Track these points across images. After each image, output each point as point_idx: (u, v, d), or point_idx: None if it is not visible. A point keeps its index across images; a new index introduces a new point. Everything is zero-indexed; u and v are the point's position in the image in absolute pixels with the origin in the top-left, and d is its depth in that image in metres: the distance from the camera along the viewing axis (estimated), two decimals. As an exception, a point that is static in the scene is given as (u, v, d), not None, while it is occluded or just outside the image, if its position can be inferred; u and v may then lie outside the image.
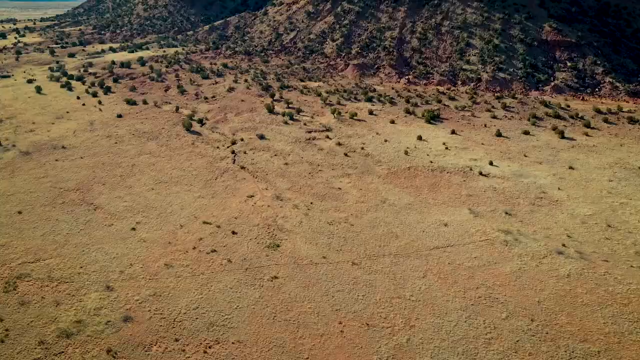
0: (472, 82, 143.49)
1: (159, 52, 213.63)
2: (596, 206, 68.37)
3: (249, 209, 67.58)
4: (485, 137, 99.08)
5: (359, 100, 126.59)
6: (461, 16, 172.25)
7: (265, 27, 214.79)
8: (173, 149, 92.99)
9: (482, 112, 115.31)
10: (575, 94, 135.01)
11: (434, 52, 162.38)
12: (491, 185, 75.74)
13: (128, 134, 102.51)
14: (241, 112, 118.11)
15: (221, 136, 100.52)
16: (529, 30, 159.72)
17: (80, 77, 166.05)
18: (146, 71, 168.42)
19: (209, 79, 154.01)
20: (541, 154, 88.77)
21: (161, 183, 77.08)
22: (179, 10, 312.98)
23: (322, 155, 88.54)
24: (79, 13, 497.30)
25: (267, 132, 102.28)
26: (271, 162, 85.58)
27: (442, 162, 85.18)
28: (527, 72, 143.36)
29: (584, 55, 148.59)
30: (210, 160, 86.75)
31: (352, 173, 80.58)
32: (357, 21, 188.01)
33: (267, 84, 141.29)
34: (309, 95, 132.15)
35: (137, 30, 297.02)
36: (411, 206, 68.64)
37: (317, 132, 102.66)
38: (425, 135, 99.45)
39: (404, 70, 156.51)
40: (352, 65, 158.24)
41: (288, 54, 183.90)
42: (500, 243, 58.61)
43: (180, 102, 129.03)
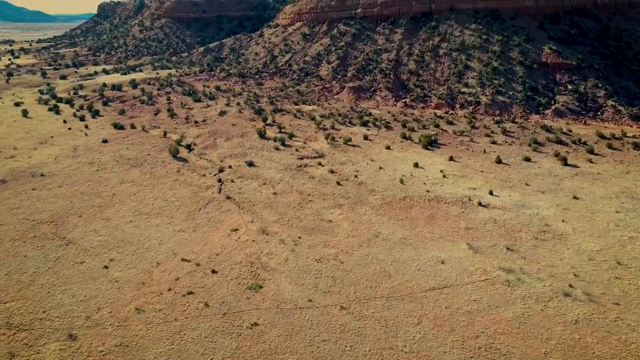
0: (471, 105, 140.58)
1: (152, 74, 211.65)
2: (603, 241, 64.33)
3: (232, 244, 63.49)
4: (484, 163, 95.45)
5: (353, 125, 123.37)
6: (459, 38, 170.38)
7: (260, 49, 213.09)
8: (157, 177, 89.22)
9: (481, 137, 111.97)
10: (577, 117, 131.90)
11: (432, 74, 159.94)
12: (491, 217, 71.81)
13: (112, 160, 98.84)
14: (231, 137, 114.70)
15: (209, 163, 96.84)
16: (529, 53, 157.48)
17: (70, 100, 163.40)
18: (137, 94, 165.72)
19: (201, 102, 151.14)
20: (543, 183, 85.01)
21: (141, 215, 73.10)
22: (174, 32, 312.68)
23: (313, 184, 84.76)
24: (76, 34, 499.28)
25: (257, 158, 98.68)
26: (259, 191, 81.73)
27: (440, 191, 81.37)
28: (527, 96, 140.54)
29: (585, 78, 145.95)
30: (195, 189, 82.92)
31: (344, 204, 76.71)
32: (353, 43, 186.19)
33: (259, 108, 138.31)
34: (303, 119, 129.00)
35: (132, 52, 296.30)
36: (406, 241, 64.59)
37: (309, 158, 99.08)
38: (422, 161, 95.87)
39: (400, 93, 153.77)
40: (347, 88, 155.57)
41: (283, 76, 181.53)
42: (501, 283, 54.45)
43: (169, 127, 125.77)
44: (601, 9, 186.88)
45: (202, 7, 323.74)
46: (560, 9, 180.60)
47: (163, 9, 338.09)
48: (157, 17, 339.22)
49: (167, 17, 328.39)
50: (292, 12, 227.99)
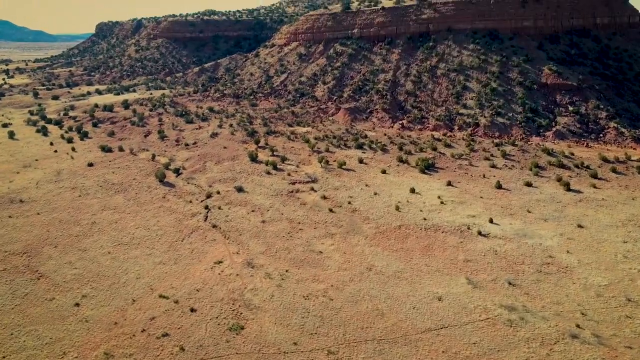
0: (470, 127, 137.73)
1: (146, 94, 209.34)
2: (612, 274, 60.65)
3: (214, 278, 59.70)
4: (484, 189, 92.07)
5: (349, 147, 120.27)
6: (457, 58, 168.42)
7: (255, 69, 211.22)
8: (141, 203, 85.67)
9: (480, 160, 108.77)
10: (579, 140, 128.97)
11: (429, 95, 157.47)
12: (492, 247, 68.17)
13: (95, 185, 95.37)
14: (222, 160, 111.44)
15: (196, 188, 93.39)
16: (528, 73, 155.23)
17: (59, 121, 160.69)
18: (128, 115, 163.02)
19: (193, 124, 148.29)
20: (546, 210, 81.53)
21: (120, 245, 69.37)
22: (170, 51, 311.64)
23: (304, 211, 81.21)
24: (73, 54, 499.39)
25: (247, 183, 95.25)
26: (247, 219, 78.13)
27: (437, 219, 77.83)
28: (527, 117, 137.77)
29: (586, 99, 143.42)
30: (179, 217, 79.32)
31: (336, 233, 73.08)
32: (349, 63, 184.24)
33: (252, 130, 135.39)
34: (296, 142, 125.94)
35: (127, 71, 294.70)
36: (401, 274, 60.84)
37: (302, 183, 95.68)
38: (419, 187, 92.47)
39: (397, 115, 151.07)
40: (343, 109, 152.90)
41: (278, 97, 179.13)
42: (503, 323, 50.62)
43: (158, 149, 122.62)
44: (601, 29, 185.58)
45: (199, 27, 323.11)
46: (559, 30, 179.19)
47: (159, 28, 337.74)
48: (153, 37, 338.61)
49: (163, 37, 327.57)
50: (288, 32, 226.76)
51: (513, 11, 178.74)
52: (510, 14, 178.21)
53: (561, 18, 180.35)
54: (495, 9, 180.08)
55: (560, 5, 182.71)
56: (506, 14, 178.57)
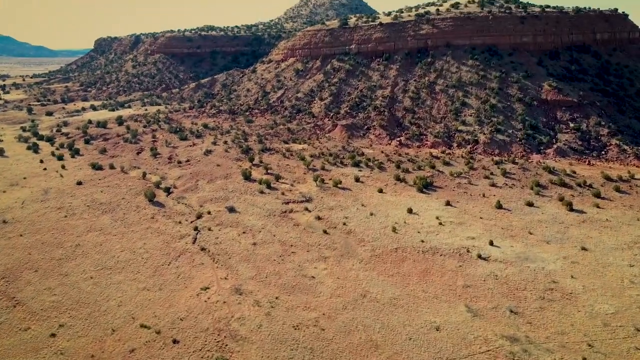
0: (469, 144, 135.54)
1: (141, 110, 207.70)
2: (619, 301, 57.84)
3: (200, 306, 56.83)
4: (484, 209, 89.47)
5: (345, 165, 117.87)
6: (456, 74, 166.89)
7: (252, 85, 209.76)
8: (128, 224, 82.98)
9: (479, 179, 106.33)
10: (581, 157, 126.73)
11: (428, 112, 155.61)
12: (492, 272, 65.42)
13: (83, 205, 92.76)
14: (214, 178, 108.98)
15: (187, 208, 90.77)
16: (528, 90, 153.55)
17: (51, 137, 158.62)
18: (122, 131, 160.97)
19: (187, 141, 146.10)
20: (548, 231, 78.89)
21: (104, 269, 66.58)
22: (167, 67, 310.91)
23: (297, 233, 78.54)
24: (71, 69, 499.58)
25: (239, 203, 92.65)
26: (237, 241, 75.43)
27: (435, 241, 75.15)
28: (527, 134, 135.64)
29: (587, 116, 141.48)
30: (167, 239, 76.60)
31: (329, 256, 70.35)
32: (347, 79, 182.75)
33: (247, 147, 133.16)
34: (292, 159, 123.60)
35: (123, 87, 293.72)
36: (397, 302, 58.01)
37: (296, 203, 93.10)
38: (417, 207, 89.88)
39: (395, 131, 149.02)
40: (340, 125, 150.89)
41: (274, 113, 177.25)
42: (505, 356, 47.78)
43: (150, 167, 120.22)
44: (601, 45, 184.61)
45: (196, 43, 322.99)
46: (559, 45, 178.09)
47: (157, 44, 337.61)
48: (150, 53, 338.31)
49: (160, 52, 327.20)
50: (285, 48, 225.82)
51: (512, 27, 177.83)
52: (509, 30, 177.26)
53: (561, 34, 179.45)
54: (494, 25, 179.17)
55: (560, 21, 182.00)
56: (505, 29, 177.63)
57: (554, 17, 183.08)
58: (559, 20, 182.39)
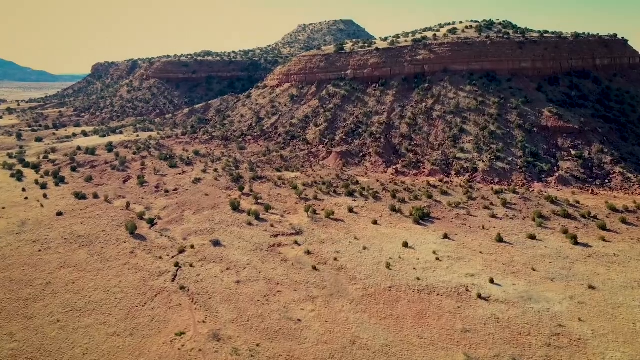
0: (468, 172, 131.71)
1: (133, 136, 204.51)
2: (632, 348, 53.24)
3: (172, 355, 52.11)
4: (483, 242, 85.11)
5: (339, 195, 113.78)
6: (454, 100, 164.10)
7: (246, 111, 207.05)
8: (106, 259, 78.47)
9: (479, 209, 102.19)
10: (583, 186, 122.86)
11: (425, 138, 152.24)
12: (493, 314, 60.81)
13: (60, 238, 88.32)
14: (202, 209, 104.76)
15: (169, 242, 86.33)
16: (528, 116, 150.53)
17: (37, 164, 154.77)
18: (110, 158, 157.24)
19: (177, 168, 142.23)
20: (552, 267, 74.44)
21: (73, 311, 61.91)
22: (162, 92, 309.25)
23: (284, 269, 74.03)
24: (68, 94, 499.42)
25: (225, 236, 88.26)
26: (220, 279, 70.88)
27: (432, 278, 70.64)
28: (528, 162, 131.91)
29: (589, 143, 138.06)
30: (145, 276, 72.04)
31: (318, 296, 65.77)
32: (342, 105, 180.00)
33: (238, 175, 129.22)
34: (284, 188, 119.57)
35: (117, 112, 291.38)
36: (389, 349, 53.31)
37: (285, 235, 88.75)
38: (413, 240, 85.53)
39: (392, 159, 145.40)
40: (334, 153, 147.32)
41: (268, 139, 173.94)
42: (509, 416, 42.93)
43: (136, 196, 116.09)
44: (601, 70, 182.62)
45: (192, 68, 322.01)
46: (558, 71, 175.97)
47: (152, 69, 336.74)
48: (146, 78, 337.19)
49: (156, 77, 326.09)
50: (280, 73, 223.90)
51: (510, 52, 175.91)
52: (507, 55, 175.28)
53: (560, 59, 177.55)
54: (492, 50, 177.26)
55: (559, 47, 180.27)
56: (503, 55, 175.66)
57: (552, 42, 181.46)
58: (558, 45, 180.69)
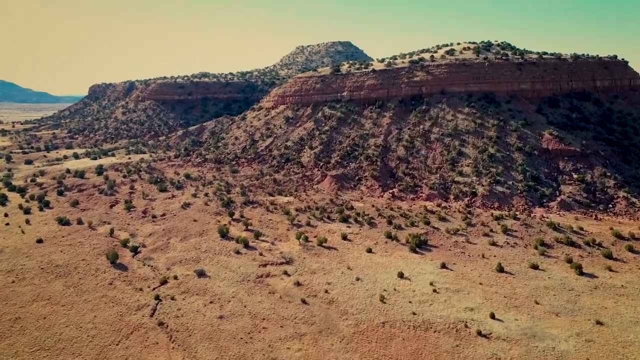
0: (467, 196, 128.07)
1: (124, 159, 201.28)
2: (646, 394, 48.96)
3: (143, 402, 47.77)
4: (483, 272, 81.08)
5: (332, 220, 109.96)
6: (452, 122, 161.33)
7: (241, 133, 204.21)
8: (82, 291, 74.29)
9: (478, 236, 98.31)
10: (587, 211, 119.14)
11: (423, 161, 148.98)
12: (494, 353, 56.64)
13: (37, 267, 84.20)
14: (189, 235, 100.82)
15: (152, 272, 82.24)
16: (528, 138, 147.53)
17: (24, 188, 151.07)
18: (99, 182, 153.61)
19: (166, 192, 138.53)
20: (557, 300, 70.36)
21: (40, 350, 57.64)
22: (158, 114, 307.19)
23: (271, 302, 69.88)
24: (64, 116, 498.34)
25: (211, 265, 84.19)
26: (202, 313, 66.68)
27: (429, 313, 66.49)
28: (529, 185, 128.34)
29: (591, 166, 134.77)
30: (122, 310, 67.82)
31: (306, 333, 61.55)
32: (338, 127, 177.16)
33: (229, 199, 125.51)
34: (276, 214, 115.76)
35: (111, 134, 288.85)
36: (381, 395, 49.01)
37: (274, 265, 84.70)
38: (409, 270, 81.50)
39: (388, 182, 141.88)
40: (329, 176, 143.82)
41: (261, 162, 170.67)
42: None
43: (121, 222, 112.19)
44: (601, 92, 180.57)
45: (188, 89, 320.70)
46: (558, 92, 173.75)
47: (148, 90, 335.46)
48: (141, 99, 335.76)
49: (151, 99, 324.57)
50: (276, 95, 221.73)
51: (509, 74, 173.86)
52: (506, 77, 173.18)
53: (560, 81, 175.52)
54: (490, 72, 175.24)
55: (558, 68, 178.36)
56: (502, 76, 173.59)
57: (552, 63, 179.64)
58: (558, 67, 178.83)
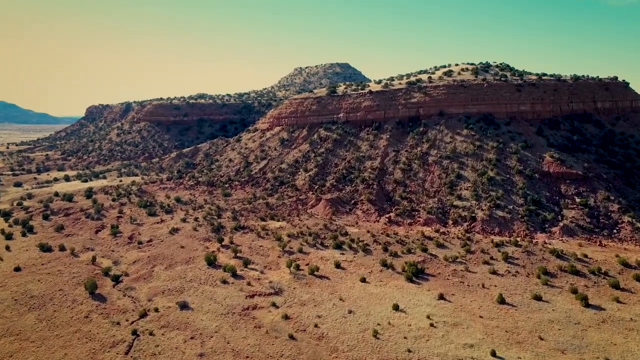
0: (466, 221, 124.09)
1: (116, 181, 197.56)
2: None
3: None
4: (484, 304, 76.79)
5: (326, 247, 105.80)
6: (450, 145, 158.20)
7: (235, 155, 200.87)
8: (55, 326, 69.90)
9: (478, 264, 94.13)
10: (590, 236, 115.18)
11: (420, 185, 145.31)
12: (496, 397, 52.16)
13: (10, 298, 79.81)
14: (175, 263, 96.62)
15: (132, 303, 77.88)
16: (528, 161, 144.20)
17: (9, 212, 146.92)
18: (87, 205, 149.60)
19: (155, 217, 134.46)
20: (562, 336, 66.05)
21: (1, 394, 53.20)
22: (152, 135, 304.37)
23: (257, 338, 65.48)
24: (60, 137, 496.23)
25: (195, 296, 79.85)
26: (181, 350, 62.26)
27: (425, 350, 62.12)
28: (530, 210, 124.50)
29: (594, 190, 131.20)
30: (96, 347, 63.40)
31: (292, 373, 57.13)
32: (334, 149, 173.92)
33: (219, 224, 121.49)
34: (267, 240, 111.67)
35: (105, 156, 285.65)
36: None
37: (262, 296, 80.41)
38: (405, 301, 77.22)
39: (384, 206, 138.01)
40: (324, 200, 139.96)
41: (255, 185, 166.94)
42: None
43: (105, 248, 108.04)
44: (602, 113, 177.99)
45: (184, 111, 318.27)
46: (558, 114, 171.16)
47: (143, 112, 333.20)
48: (136, 121, 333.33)
49: (146, 120, 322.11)
50: (271, 116, 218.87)
51: (508, 95, 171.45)
52: (505, 98, 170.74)
53: (560, 102, 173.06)
54: (489, 93, 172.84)
55: (558, 89, 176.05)
56: (501, 97, 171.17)
57: (552, 85, 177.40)
58: (557, 88, 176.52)
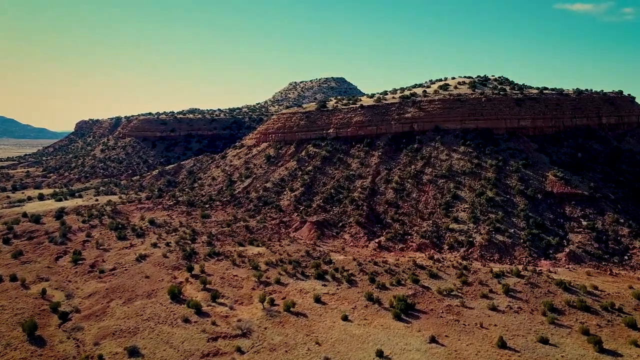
0: (463, 246, 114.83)
1: (91, 200, 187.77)
2: None
3: None
4: (482, 348, 67.16)
5: (307, 277, 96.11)
6: (446, 162, 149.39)
7: (219, 173, 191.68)
8: (-24, 378, 60.10)
9: (476, 299, 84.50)
10: (599, 263, 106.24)
11: (414, 206, 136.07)
12: None
13: None
14: (135, 297, 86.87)
15: (74, 349, 68.08)
16: (530, 180, 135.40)
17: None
18: (53, 228, 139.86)
19: (125, 240, 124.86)
20: (574, 391, 56.34)
21: None
22: (137, 152, 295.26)
23: (212, 396, 55.66)
24: (47, 152, 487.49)
25: (149, 339, 70.04)
26: (118, 414, 52.39)
27: (411, 412, 52.32)
28: (533, 234, 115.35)
29: (601, 212, 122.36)
30: (16, 408, 53.52)
31: None
32: (322, 167, 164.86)
33: (192, 250, 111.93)
34: (242, 268, 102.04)
35: (87, 173, 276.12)
36: None
37: (227, 338, 70.66)
38: (391, 346, 67.54)
39: (375, 229, 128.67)
40: (309, 222, 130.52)
41: (237, 205, 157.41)
42: None
43: (62, 279, 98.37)
44: (607, 129, 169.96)
45: (171, 126, 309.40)
46: (561, 130, 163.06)
47: (129, 127, 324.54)
48: (122, 136, 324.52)
49: (132, 135, 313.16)
50: (259, 132, 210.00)
51: (508, 110, 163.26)
52: (504, 113, 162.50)
53: (562, 117, 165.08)
54: (487, 108, 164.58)
55: (560, 104, 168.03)
56: (500, 112, 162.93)
57: (554, 99, 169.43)
58: (560, 102, 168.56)
